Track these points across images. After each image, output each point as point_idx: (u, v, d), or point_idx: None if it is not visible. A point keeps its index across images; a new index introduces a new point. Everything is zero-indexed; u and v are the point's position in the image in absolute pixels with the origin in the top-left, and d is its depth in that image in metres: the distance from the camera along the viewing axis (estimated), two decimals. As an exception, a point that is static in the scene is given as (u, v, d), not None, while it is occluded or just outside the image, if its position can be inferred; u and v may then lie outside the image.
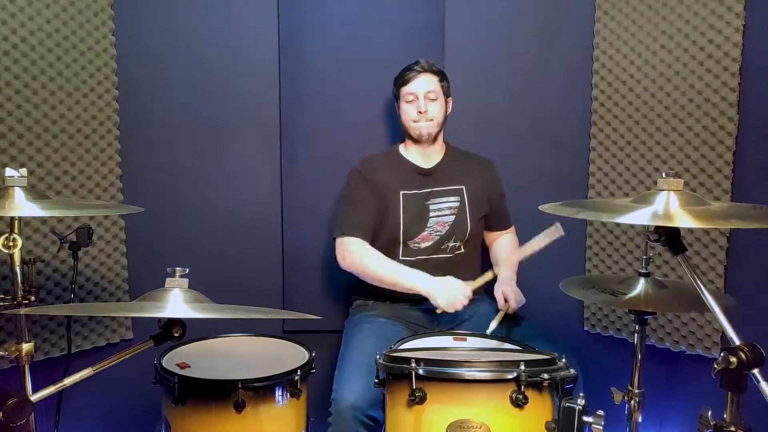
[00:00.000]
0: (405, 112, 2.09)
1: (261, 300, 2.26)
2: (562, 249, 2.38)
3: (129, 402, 2.15)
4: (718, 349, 2.02)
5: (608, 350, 2.32)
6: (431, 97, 2.06)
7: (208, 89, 2.27)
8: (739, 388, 1.06)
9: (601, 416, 1.30)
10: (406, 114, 2.09)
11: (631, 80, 2.18)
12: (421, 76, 2.07)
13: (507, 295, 1.92)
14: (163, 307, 1.26)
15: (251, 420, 1.50)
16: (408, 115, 2.08)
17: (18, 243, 1.40)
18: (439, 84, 2.09)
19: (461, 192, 2.11)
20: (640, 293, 1.46)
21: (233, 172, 2.31)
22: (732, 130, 1.95)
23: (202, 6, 2.24)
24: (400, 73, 2.11)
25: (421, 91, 2.06)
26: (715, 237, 2.01)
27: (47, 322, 2.03)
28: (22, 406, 1.11)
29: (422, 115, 2.05)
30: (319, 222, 2.33)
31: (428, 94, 2.06)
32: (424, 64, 2.08)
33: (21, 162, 1.93)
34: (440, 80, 2.10)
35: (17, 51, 1.90)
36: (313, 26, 2.31)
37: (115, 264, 2.18)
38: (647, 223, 1.22)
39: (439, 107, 2.08)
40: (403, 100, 2.09)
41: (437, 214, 2.09)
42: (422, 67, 2.07)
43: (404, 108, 2.09)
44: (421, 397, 1.37)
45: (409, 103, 2.07)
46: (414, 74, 2.07)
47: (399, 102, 2.13)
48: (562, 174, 2.38)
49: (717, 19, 1.95)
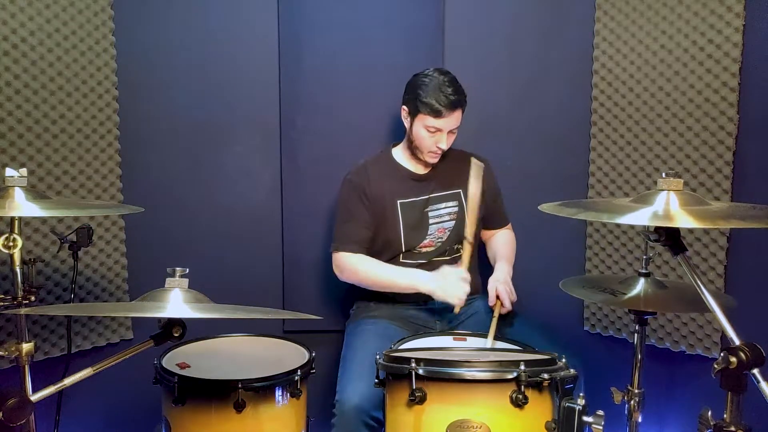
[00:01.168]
0: (422, 138, 1.97)
1: (261, 300, 2.26)
2: (562, 249, 2.41)
3: (129, 402, 2.15)
4: (718, 349, 2.02)
5: (608, 350, 2.32)
6: (452, 131, 1.98)
7: (208, 89, 2.27)
8: (739, 388, 1.06)
9: (601, 416, 1.30)
10: (421, 140, 1.98)
11: (631, 80, 2.18)
12: (454, 114, 1.93)
13: (500, 294, 1.90)
14: (163, 307, 1.26)
15: (251, 420, 1.50)
16: (424, 143, 1.98)
17: (18, 243, 1.40)
18: (461, 116, 1.98)
19: (459, 196, 2.09)
20: (640, 293, 1.46)
21: (233, 173, 2.31)
22: (732, 130, 1.95)
23: (202, 6, 2.24)
24: (431, 99, 1.91)
25: (447, 128, 1.95)
26: (715, 237, 2.01)
27: (47, 322, 2.03)
28: (22, 406, 1.11)
29: (439, 150, 1.99)
30: (319, 222, 2.33)
31: (452, 130, 1.98)
32: (461, 99, 1.93)
33: (21, 162, 1.93)
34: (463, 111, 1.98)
35: (17, 51, 1.90)
36: (313, 27, 2.31)
37: (115, 264, 2.18)
38: (647, 224, 1.22)
39: (453, 138, 2.01)
40: (422, 124, 1.95)
41: (437, 221, 2.07)
42: (458, 103, 1.93)
43: (422, 134, 1.96)
44: (421, 397, 1.37)
45: (431, 134, 1.95)
46: (448, 112, 1.91)
47: (415, 120, 1.98)
48: (562, 174, 2.37)
49: (717, 19, 1.95)
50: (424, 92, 1.93)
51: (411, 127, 2.01)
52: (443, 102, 1.90)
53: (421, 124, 1.96)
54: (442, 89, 1.91)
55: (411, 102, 1.98)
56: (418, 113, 1.96)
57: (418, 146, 2.02)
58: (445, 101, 1.91)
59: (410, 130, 2.02)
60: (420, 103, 1.94)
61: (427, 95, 1.92)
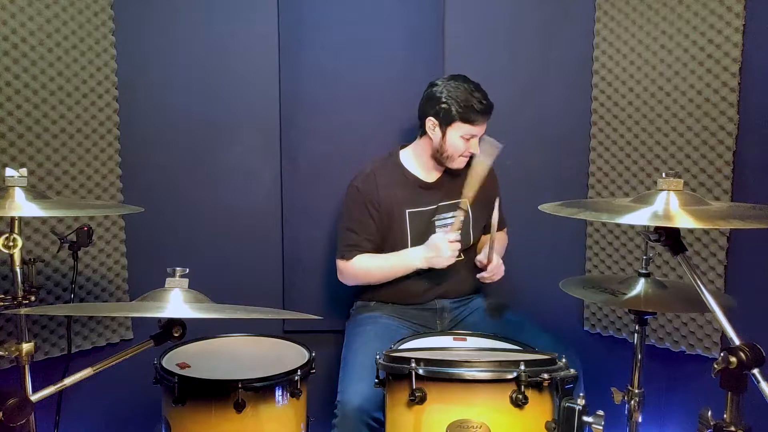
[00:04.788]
0: (454, 145, 1.97)
1: (261, 300, 2.25)
2: (562, 249, 2.40)
3: (129, 402, 2.15)
4: (718, 349, 2.02)
5: (608, 350, 2.32)
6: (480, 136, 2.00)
7: (208, 89, 2.27)
8: (739, 388, 1.06)
9: (601, 416, 1.30)
10: (454, 147, 1.97)
11: (631, 80, 2.18)
12: (486, 119, 1.97)
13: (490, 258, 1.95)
14: (163, 307, 1.26)
15: (251, 420, 1.50)
16: (455, 149, 1.97)
17: (18, 243, 1.40)
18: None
19: (466, 205, 2.05)
20: (640, 293, 1.46)
21: (233, 172, 2.31)
22: (732, 130, 1.95)
23: (203, 6, 2.24)
24: (466, 107, 1.92)
25: (480, 134, 1.98)
26: (715, 237, 2.01)
27: (47, 322, 2.03)
28: (22, 406, 1.11)
29: (470, 155, 2.00)
30: (319, 222, 2.33)
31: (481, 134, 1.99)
32: (492, 104, 1.96)
33: (21, 162, 1.93)
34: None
35: (17, 51, 1.90)
36: (313, 26, 2.31)
37: (115, 264, 2.18)
38: (647, 224, 1.22)
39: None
40: (456, 132, 1.95)
41: (444, 231, 2.04)
42: (491, 107, 1.96)
43: (455, 142, 1.96)
44: (421, 397, 1.37)
45: (465, 140, 1.96)
46: (482, 119, 1.95)
47: (448, 129, 1.96)
48: (562, 174, 2.37)
49: (717, 19, 1.95)
50: (457, 102, 1.93)
51: (444, 137, 1.98)
52: (479, 108, 1.93)
53: (456, 134, 1.96)
54: (474, 96, 1.93)
55: (442, 112, 1.96)
56: (453, 122, 1.95)
57: (450, 155, 2.00)
58: (480, 107, 1.93)
59: (443, 139, 1.98)
60: (455, 113, 1.93)
61: (462, 104, 1.93)
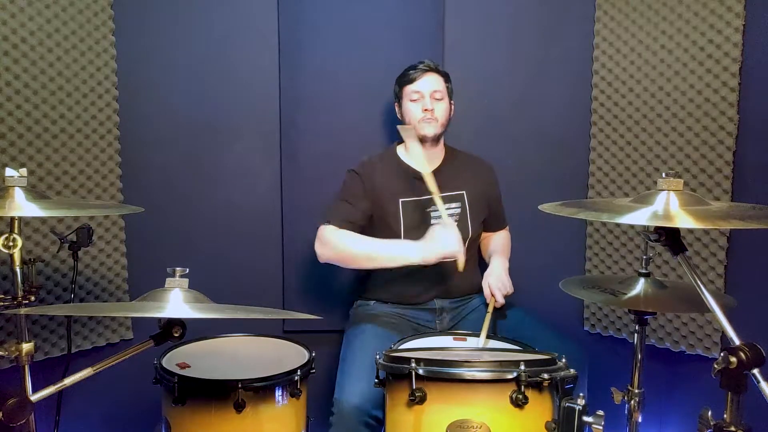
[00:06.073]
0: (409, 111, 2.04)
1: (261, 300, 2.26)
2: (562, 249, 2.40)
3: (129, 402, 2.15)
4: (718, 349, 2.02)
5: (608, 350, 2.32)
6: (437, 97, 2.02)
7: (208, 89, 2.27)
8: (739, 388, 1.06)
9: (601, 416, 1.30)
10: (410, 113, 2.04)
11: (631, 80, 2.18)
12: (428, 75, 2.03)
13: (492, 289, 1.94)
14: (163, 307, 1.26)
15: (251, 420, 1.50)
16: (413, 115, 2.03)
17: (18, 243, 1.40)
18: (444, 84, 2.06)
19: (462, 197, 2.08)
20: (640, 293, 1.46)
21: (233, 172, 2.31)
22: (732, 130, 1.95)
23: (202, 6, 2.24)
24: (404, 72, 2.06)
25: (427, 90, 2.02)
26: (715, 237, 2.01)
27: (47, 322, 2.03)
28: (22, 406, 1.11)
29: (428, 113, 2.00)
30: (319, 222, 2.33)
31: (434, 94, 2.02)
32: (430, 63, 2.05)
33: (21, 162, 1.93)
34: (445, 81, 2.07)
35: (17, 51, 1.90)
36: (313, 27, 2.31)
37: (115, 264, 2.18)
38: (647, 224, 1.22)
39: (444, 108, 2.05)
40: (407, 99, 2.05)
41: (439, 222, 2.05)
42: (428, 66, 2.04)
43: (408, 107, 2.04)
44: (421, 397, 1.37)
45: (414, 101, 2.02)
46: (420, 73, 2.03)
47: (402, 101, 2.08)
48: (562, 174, 2.38)
49: (717, 19, 1.95)
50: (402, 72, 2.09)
51: (401, 110, 2.10)
52: (415, 67, 2.06)
53: (406, 101, 2.06)
54: (413, 64, 2.08)
55: (396, 88, 2.12)
56: (400, 93, 2.09)
57: (412, 124, 2.03)
58: (417, 66, 2.06)
59: (402, 114, 2.10)
60: (399, 81, 2.09)
61: (401, 74, 2.09)
